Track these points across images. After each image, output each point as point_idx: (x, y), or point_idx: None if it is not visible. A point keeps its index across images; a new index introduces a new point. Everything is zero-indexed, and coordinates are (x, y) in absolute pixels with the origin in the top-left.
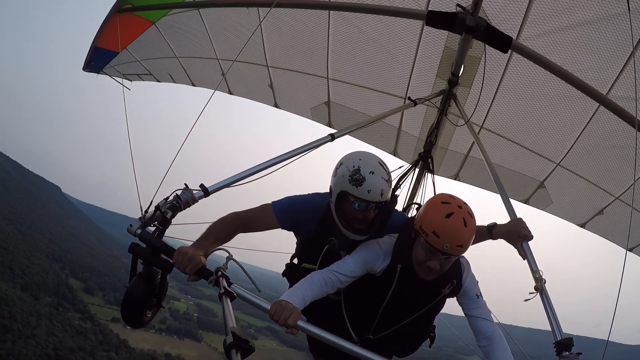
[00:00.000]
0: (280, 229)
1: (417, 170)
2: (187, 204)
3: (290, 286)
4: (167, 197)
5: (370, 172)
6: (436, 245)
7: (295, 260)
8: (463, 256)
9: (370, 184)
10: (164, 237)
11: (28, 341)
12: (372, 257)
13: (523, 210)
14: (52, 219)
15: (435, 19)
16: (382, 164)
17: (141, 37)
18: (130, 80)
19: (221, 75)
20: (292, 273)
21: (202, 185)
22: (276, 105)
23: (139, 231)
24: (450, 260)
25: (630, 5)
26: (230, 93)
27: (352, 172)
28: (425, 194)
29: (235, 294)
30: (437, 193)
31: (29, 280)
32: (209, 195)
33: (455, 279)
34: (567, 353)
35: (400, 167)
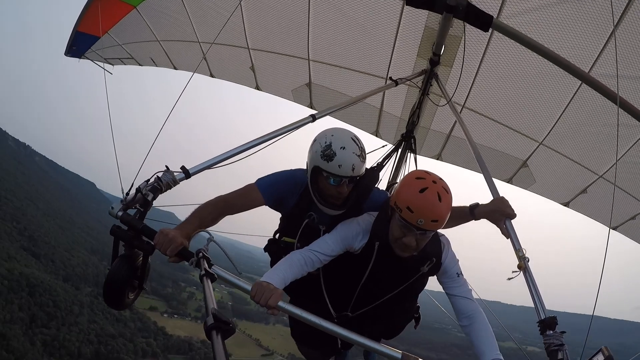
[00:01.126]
0: (265, 205)
1: (400, 150)
2: (168, 186)
3: (272, 261)
4: (148, 180)
5: (341, 147)
6: (410, 220)
7: (278, 236)
8: (443, 234)
9: (341, 158)
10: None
11: (71, 328)
12: (351, 235)
13: (506, 190)
14: (89, 214)
15: None
16: (355, 140)
17: (123, 21)
18: (112, 65)
19: (204, 59)
20: (273, 248)
21: (183, 167)
22: (258, 88)
23: (120, 213)
24: (427, 237)
25: None
26: (211, 76)
27: (323, 148)
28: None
29: (216, 276)
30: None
31: (70, 272)
32: (190, 177)
33: (434, 256)
34: (551, 332)
35: (383, 147)
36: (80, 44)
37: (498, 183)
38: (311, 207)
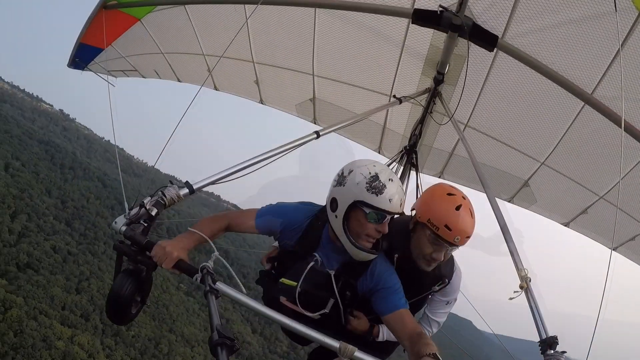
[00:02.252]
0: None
1: (402, 165)
2: (172, 201)
3: (264, 295)
4: (152, 195)
5: (389, 180)
6: (447, 238)
7: (274, 272)
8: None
9: (391, 192)
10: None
11: None
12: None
13: (507, 208)
14: None
15: (421, 17)
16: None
17: (127, 34)
18: (115, 77)
19: (207, 71)
20: (269, 285)
21: (187, 183)
22: (262, 102)
23: (123, 228)
24: (453, 250)
25: (616, 6)
26: (215, 89)
27: (370, 179)
28: (407, 188)
29: (220, 292)
30: (435, 184)
31: None
32: (194, 192)
33: (447, 277)
34: (552, 351)
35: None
36: (83, 56)
37: (498, 202)
38: (314, 248)
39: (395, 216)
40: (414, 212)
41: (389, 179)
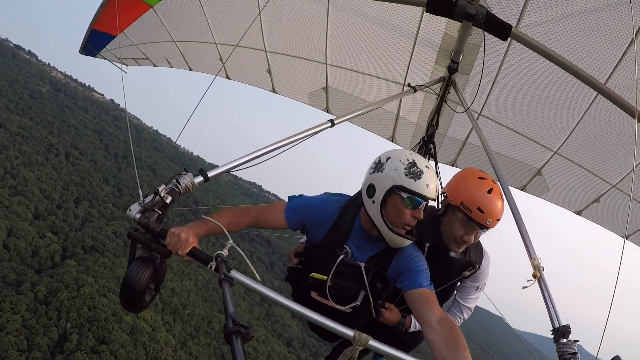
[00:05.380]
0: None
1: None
2: (187, 189)
3: (293, 293)
4: (167, 182)
5: (425, 167)
6: (480, 220)
7: (302, 267)
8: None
9: (428, 178)
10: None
11: None
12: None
13: (519, 196)
14: None
15: (435, 6)
16: None
17: (138, 21)
18: (127, 65)
19: (219, 60)
20: (299, 282)
21: (201, 170)
22: (274, 90)
23: (137, 216)
24: (483, 233)
25: None
26: (227, 78)
27: (408, 165)
28: None
29: (234, 280)
30: (465, 169)
31: None
32: (208, 180)
33: (477, 263)
34: (565, 340)
35: None
36: (95, 43)
37: (511, 190)
38: (344, 241)
39: (430, 203)
40: (443, 196)
41: (426, 166)
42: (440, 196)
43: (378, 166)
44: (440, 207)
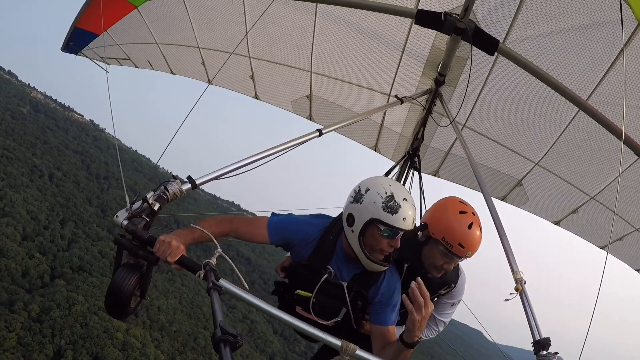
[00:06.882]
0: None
1: (403, 168)
2: (175, 196)
3: (280, 305)
4: (155, 189)
5: (403, 199)
6: (460, 253)
7: (288, 282)
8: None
9: (405, 211)
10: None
11: None
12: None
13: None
14: None
15: (424, 19)
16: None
17: (122, 21)
18: (109, 64)
19: (201, 64)
20: (285, 297)
21: (189, 177)
22: (256, 97)
23: (125, 222)
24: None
25: (622, 15)
26: (209, 82)
27: (385, 199)
28: (410, 192)
29: (223, 289)
30: (446, 198)
31: None
32: (196, 187)
33: (453, 282)
34: (545, 352)
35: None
36: (77, 41)
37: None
38: (328, 261)
39: None
40: (423, 225)
41: (404, 199)
42: (421, 224)
43: (357, 196)
44: (421, 235)
